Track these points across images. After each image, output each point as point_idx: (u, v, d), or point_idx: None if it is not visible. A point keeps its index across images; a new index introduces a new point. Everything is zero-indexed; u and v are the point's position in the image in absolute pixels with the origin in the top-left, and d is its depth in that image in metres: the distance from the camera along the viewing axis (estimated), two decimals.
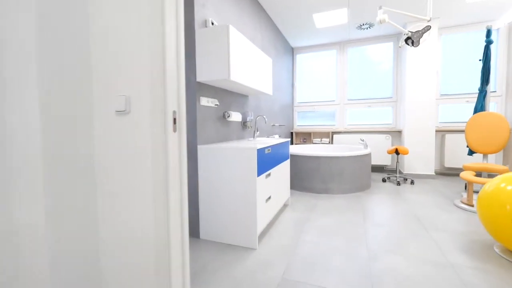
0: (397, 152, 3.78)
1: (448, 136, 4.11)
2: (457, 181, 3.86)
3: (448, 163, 4.12)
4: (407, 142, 4.12)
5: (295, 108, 5.27)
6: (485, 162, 3.13)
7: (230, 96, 2.57)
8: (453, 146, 4.09)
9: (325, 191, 3.27)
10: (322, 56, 5.03)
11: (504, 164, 3.95)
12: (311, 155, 3.31)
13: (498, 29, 3.98)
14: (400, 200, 2.96)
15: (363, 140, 3.71)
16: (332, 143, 4.91)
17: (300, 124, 5.27)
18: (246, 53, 2.25)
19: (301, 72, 5.21)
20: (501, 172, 2.75)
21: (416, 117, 4.05)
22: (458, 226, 2.21)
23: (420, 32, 2.58)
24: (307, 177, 3.35)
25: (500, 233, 1.70)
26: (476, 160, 3.98)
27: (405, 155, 4.17)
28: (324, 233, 2.14)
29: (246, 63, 2.24)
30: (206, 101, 2.16)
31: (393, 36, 4.50)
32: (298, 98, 5.26)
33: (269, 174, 2.17)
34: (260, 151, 1.96)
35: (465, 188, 3.35)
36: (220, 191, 2.00)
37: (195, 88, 2.05)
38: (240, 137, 2.82)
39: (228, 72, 1.94)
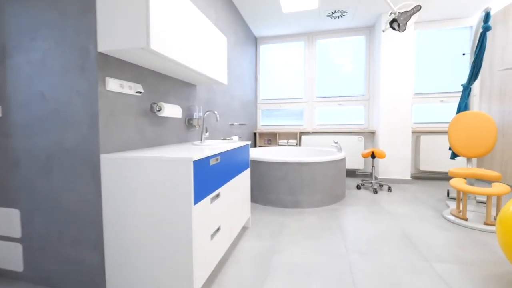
0: (373, 155, 3.34)
1: (423, 138, 3.83)
2: (434, 186, 3.56)
3: (424, 167, 3.83)
4: (382, 144, 3.73)
5: (259, 106, 4.64)
6: (469, 166, 2.81)
7: (166, 82, 1.81)
8: (428, 148, 3.81)
9: (294, 204, 2.66)
10: (288, 48, 4.48)
11: (485, 168, 3.77)
12: (277, 161, 2.68)
13: (471, 27, 3.81)
14: (383, 214, 2.48)
15: (336, 143, 3.20)
16: (300, 145, 4.38)
17: (265, 123, 4.65)
18: (186, 19, 1.52)
19: (266, 65, 4.60)
20: (493, 179, 2.41)
21: (391, 117, 3.69)
22: (464, 252, 1.74)
23: (408, 14, 2.11)
24: (273, 188, 2.71)
25: None
26: (458, 164, 3.75)
27: (381, 159, 3.79)
28: (297, 274, 1.50)
29: (184, 32, 1.50)
30: (118, 85, 1.37)
31: (365, 29, 4.12)
32: (262, 95, 4.63)
33: (217, 195, 1.46)
34: (200, 164, 1.24)
35: (448, 195, 3.01)
36: (137, 225, 1.23)
37: (95, 63, 1.26)
38: (182, 140, 2.06)
39: (147, 36, 1.19)
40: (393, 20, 2.15)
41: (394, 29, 2.18)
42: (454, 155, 2.96)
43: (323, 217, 2.41)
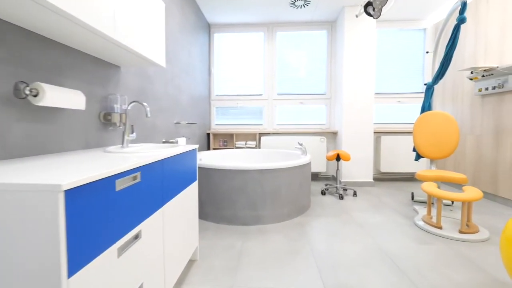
0: (338, 158, 3.08)
1: (383, 138, 3.74)
2: (396, 187, 3.47)
3: (384, 168, 3.75)
4: (345, 145, 3.52)
5: (212, 103, 4.07)
6: (432, 168, 2.71)
7: (58, 54, 1.14)
8: (388, 149, 3.74)
9: (255, 220, 2.19)
10: (246, 38, 4.01)
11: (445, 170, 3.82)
12: (234, 169, 2.17)
13: (425, 29, 3.86)
14: (354, 225, 2.17)
15: (301, 144, 2.84)
16: (259, 146, 3.95)
17: (220, 123, 4.10)
18: None
19: (221, 57, 4.05)
20: (459, 181, 2.29)
21: (354, 117, 3.50)
22: (454, 272, 1.48)
23: None
24: (229, 202, 2.19)
25: None
26: (419, 165, 3.73)
27: (344, 161, 3.57)
28: None
29: None
30: None
31: (327, 24, 3.89)
32: (216, 90, 4.07)
33: (135, 237, 0.88)
34: (90, 192, 0.65)
35: (412, 199, 2.89)
36: None
37: None
38: (93, 144, 1.40)
39: None
40: (368, 4, 1.83)
41: (368, 14, 1.88)
42: (418, 157, 2.85)
43: (290, 236, 1.98)
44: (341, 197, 2.96)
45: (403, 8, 3.48)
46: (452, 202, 2.72)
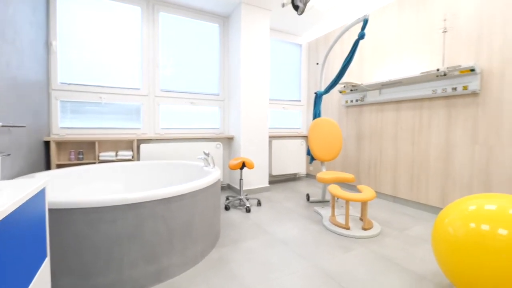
0: (243, 166, 2.76)
1: (275, 142, 3.81)
2: (288, 189, 3.58)
3: (275, 171, 3.82)
4: (244, 151, 3.27)
5: (54, 94, 2.65)
6: (323, 169, 2.94)
7: None
8: (278, 152, 3.84)
9: (155, 278, 1.44)
10: (116, 9, 2.91)
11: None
12: (116, 204, 1.31)
13: (301, 45, 4.29)
14: (278, 245, 1.89)
15: (207, 154, 2.27)
16: (138, 158, 2.98)
17: (69, 125, 2.75)
18: None
19: (74, 27, 2.71)
20: (350, 180, 2.55)
21: (252, 121, 3.31)
22: (388, 279, 1.48)
23: None
24: (107, 261, 1.31)
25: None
26: (304, 167, 4.01)
27: (246, 169, 3.31)
28: None
29: None
30: None
31: (220, 18, 3.50)
32: (62, 75, 2.69)
33: None
34: None
35: (308, 200, 3.03)
36: None
37: None
38: None
39: None
40: None
41: (294, 7, 1.66)
42: (312, 159, 3.03)
43: (215, 286, 1.41)
44: (248, 210, 2.66)
45: (285, 21, 3.69)
46: (337, 198, 3.08)
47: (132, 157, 2.84)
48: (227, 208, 2.74)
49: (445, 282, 1.47)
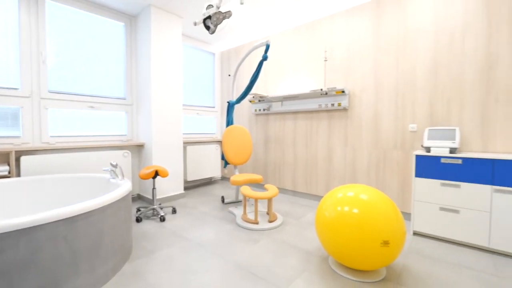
0: (155, 175, 2.69)
1: (189, 148, 3.82)
2: (202, 194, 3.66)
3: (190, 177, 3.84)
4: (156, 159, 3.16)
5: None
6: (236, 172, 3.21)
7: None
8: (193, 158, 3.88)
9: None
10: None
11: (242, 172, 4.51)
12: (7, 230, 1.12)
13: (214, 54, 4.45)
14: (196, 248, 2.00)
15: (115, 166, 2.11)
16: (19, 174, 2.44)
17: None
18: None
19: None
20: (258, 181, 2.90)
21: (165, 127, 3.23)
22: (291, 260, 1.83)
23: (220, 17, 1.83)
24: None
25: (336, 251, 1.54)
26: (218, 171, 4.13)
27: (160, 178, 3.19)
28: None
29: None
30: None
31: (126, 16, 3.24)
32: None
33: None
34: None
35: (223, 202, 3.22)
36: None
37: None
38: None
39: None
40: (209, 17, 1.77)
41: (206, 26, 1.81)
42: (226, 163, 3.25)
43: None
44: (162, 219, 2.62)
45: (197, 29, 3.79)
46: (248, 198, 3.41)
47: (9, 172, 2.30)
48: (138, 220, 2.61)
49: (325, 253, 1.94)
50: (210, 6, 1.84)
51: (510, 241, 1.90)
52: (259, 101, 3.79)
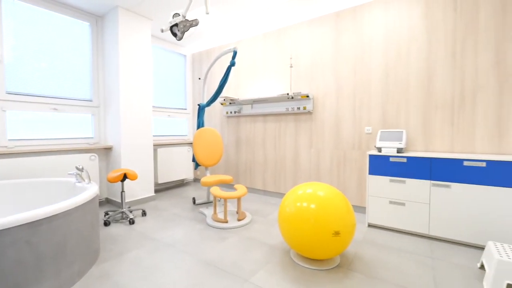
0: (124, 178, 2.68)
1: (160, 150, 3.81)
2: (174, 196, 3.68)
3: (161, 179, 3.83)
4: (125, 162, 3.13)
5: None
6: (207, 174, 3.28)
7: None
8: (163, 160, 3.87)
9: None
10: None
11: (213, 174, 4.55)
12: None
13: (185, 56, 4.46)
14: (165, 248, 2.06)
15: (81, 169, 2.09)
16: None
17: None
18: None
19: None
20: (229, 181, 3.00)
21: (133, 129, 3.21)
22: (254, 253, 1.96)
23: (187, 24, 1.91)
24: None
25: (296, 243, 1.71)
26: (189, 172, 4.15)
27: (129, 181, 3.15)
28: None
29: None
30: None
31: (92, 16, 3.16)
32: None
33: None
34: None
35: (194, 203, 3.27)
36: None
37: None
38: None
39: None
40: (175, 25, 1.84)
41: (173, 34, 1.88)
42: (197, 165, 3.31)
43: None
44: (132, 222, 2.62)
45: (168, 31, 3.80)
46: (219, 198, 3.50)
47: None
48: (106, 223, 2.58)
49: (287, 247, 2.10)
50: (176, 14, 1.91)
51: (444, 228, 2.21)
52: (230, 103, 3.89)
